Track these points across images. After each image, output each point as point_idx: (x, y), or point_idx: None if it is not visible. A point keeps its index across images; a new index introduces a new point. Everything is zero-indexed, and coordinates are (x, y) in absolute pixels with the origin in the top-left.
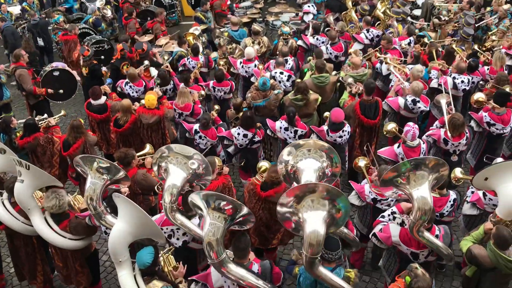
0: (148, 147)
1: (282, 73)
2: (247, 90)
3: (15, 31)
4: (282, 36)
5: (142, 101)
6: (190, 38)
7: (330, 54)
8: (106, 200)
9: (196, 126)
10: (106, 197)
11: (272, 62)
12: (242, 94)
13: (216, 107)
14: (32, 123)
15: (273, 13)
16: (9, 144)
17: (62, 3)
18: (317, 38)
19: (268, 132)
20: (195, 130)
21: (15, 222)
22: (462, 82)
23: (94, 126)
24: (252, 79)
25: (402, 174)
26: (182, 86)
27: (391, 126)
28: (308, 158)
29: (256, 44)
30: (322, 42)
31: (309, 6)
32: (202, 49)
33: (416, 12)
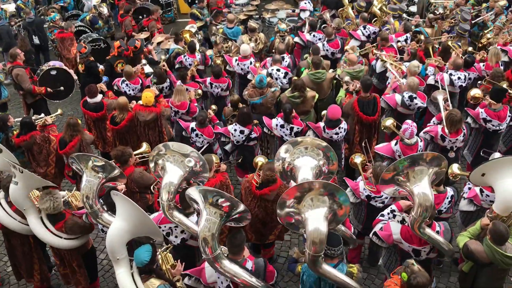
0: (144, 146)
1: (279, 70)
2: (244, 88)
3: (10, 29)
4: (278, 33)
5: (140, 101)
6: (186, 35)
7: (327, 51)
8: (103, 197)
9: (192, 124)
10: (102, 195)
11: (268, 59)
12: (238, 92)
13: (213, 107)
14: (28, 122)
15: (269, 10)
16: (5, 142)
17: (58, 1)
18: (313, 35)
19: (265, 129)
20: (192, 128)
21: (12, 221)
22: (459, 78)
23: (90, 124)
24: (248, 77)
25: (400, 172)
26: (179, 83)
27: (389, 122)
28: (305, 156)
29: (252, 41)
30: (319, 39)
31: (305, 3)
32: (198, 46)
33: (412, 8)
